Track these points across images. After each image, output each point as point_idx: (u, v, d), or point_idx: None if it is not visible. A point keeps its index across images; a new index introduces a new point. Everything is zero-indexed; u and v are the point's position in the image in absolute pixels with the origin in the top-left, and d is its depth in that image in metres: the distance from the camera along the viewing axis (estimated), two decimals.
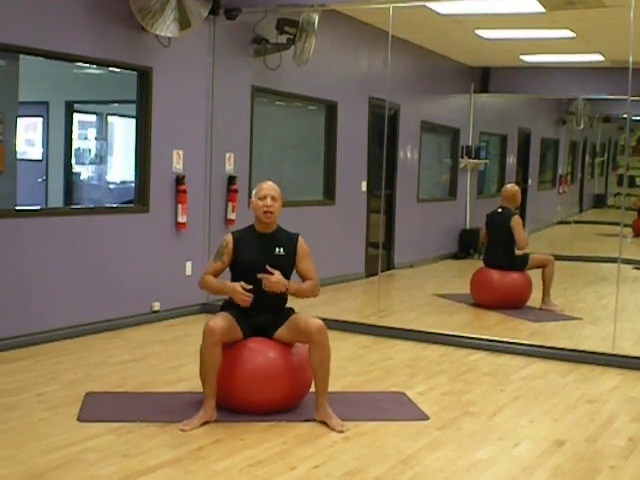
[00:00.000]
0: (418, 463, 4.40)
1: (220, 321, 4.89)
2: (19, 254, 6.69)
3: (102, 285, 7.45)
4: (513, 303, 9.10)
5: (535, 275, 9.22)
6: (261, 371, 4.98)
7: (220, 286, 5.16)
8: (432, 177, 13.62)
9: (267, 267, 5.01)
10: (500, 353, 7.14)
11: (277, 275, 5.04)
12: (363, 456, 4.47)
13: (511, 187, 9.43)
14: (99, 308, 7.41)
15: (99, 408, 5.15)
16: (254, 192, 5.22)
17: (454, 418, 5.23)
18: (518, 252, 9.20)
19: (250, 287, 5.00)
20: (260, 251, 5.12)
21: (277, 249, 5.15)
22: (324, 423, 4.93)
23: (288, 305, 5.27)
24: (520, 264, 9.15)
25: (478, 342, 7.35)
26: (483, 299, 9.23)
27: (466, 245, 13.59)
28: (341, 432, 4.82)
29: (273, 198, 5.14)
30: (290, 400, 5.12)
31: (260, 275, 5.01)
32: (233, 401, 5.04)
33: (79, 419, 4.91)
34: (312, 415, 5.01)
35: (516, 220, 9.10)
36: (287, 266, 5.18)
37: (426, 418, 5.19)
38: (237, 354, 5.00)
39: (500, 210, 9.27)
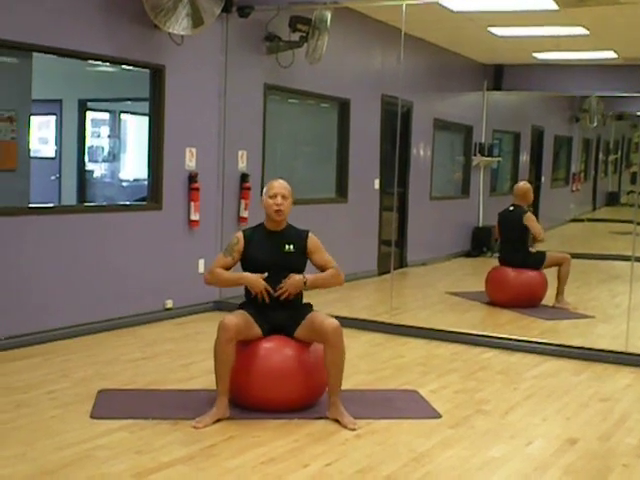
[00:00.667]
0: (430, 461, 4.39)
1: (235, 318, 4.89)
2: (32, 251, 6.69)
3: (115, 282, 7.45)
4: (528, 301, 9.06)
5: (550, 273, 9.19)
6: (278, 370, 4.98)
7: (236, 277, 5.16)
8: (445, 175, 13.59)
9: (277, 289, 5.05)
10: (513, 351, 7.12)
11: (292, 277, 5.05)
12: (375, 454, 4.46)
13: (523, 185, 9.40)
14: (111, 305, 7.42)
15: (111, 405, 5.15)
16: (265, 190, 5.23)
17: (467, 416, 5.22)
18: (532, 249, 9.17)
19: (266, 276, 5.02)
20: (270, 249, 5.13)
21: (287, 246, 5.15)
22: (336, 421, 4.92)
23: (308, 300, 5.28)
24: (536, 262, 9.11)
25: (491, 340, 7.33)
26: (498, 297, 9.19)
27: (479, 243, 13.57)
28: (353, 430, 4.81)
29: (284, 197, 5.14)
30: (306, 399, 5.12)
31: (277, 293, 5.04)
32: (249, 399, 5.04)
33: (91, 416, 4.91)
34: (324, 413, 5.01)
35: (529, 217, 9.08)
36: (298, 263, 5.18)
37: (438, 416, 5.18)
38: (254, 352, 5.00)
39: (512, 208, 9.24)
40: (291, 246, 5.18)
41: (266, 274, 5.03)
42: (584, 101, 14.10)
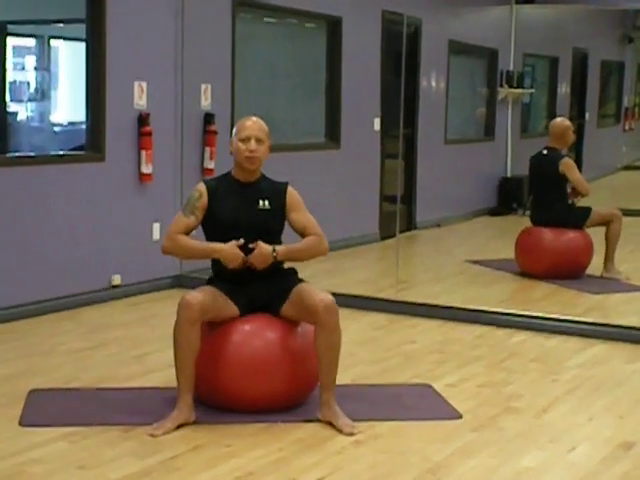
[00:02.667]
0: (449, 473, 4.43)
1: (199, 295, 4.90)
2: None
3: (48, 254, 7.45)
4: (569, 271, 9.06)
5: (596, 235, 9.18)
6: (256, 358, 4.99)
7: (204, 248, 5.13)
8: (464, 112, 13.60)
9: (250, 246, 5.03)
10: (551, 333, 7.16)
11: (259, 247, 5.03)
12: (379, 465, 4.50)
13: (561, 122, 9.37)
14: (45, 283, 7.42)
15: (46, 409, 5.17)
16: (235, 131, 5.23)
17: (494, 416, 5.26)
18: (575, 203, 9.15)
19: (242, 243, 5.00)
20: (240, 205, 5.12)
21: (261, 202, 5.15)
22: (330, 424, 4.95)
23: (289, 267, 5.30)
24: (578, 220, 9.06)
25: (523, 320, 7.37)
26: (531, 266, 9.19)
27: (507, 198, 13.54)
28: (351, 435, 4.85)
29: (258, 140, 5.13)
30: (293, 396, 5.15)
31: (247, 265, 5.03)
32: (220, 397, 5.07)
33: (21, 423, 4.92)
34: (315, 414, 5.04)
35: (567, 163, 9.05)
36: (275, 223, 5.20)
37: (458, 417, 5.22)
38: (226, 336, 5.02)
39: (546, 152, 9.20)
40: (266, 202, 5.17)
41: (242, 241, 5.00)
42: (639, 17, 14.08)
